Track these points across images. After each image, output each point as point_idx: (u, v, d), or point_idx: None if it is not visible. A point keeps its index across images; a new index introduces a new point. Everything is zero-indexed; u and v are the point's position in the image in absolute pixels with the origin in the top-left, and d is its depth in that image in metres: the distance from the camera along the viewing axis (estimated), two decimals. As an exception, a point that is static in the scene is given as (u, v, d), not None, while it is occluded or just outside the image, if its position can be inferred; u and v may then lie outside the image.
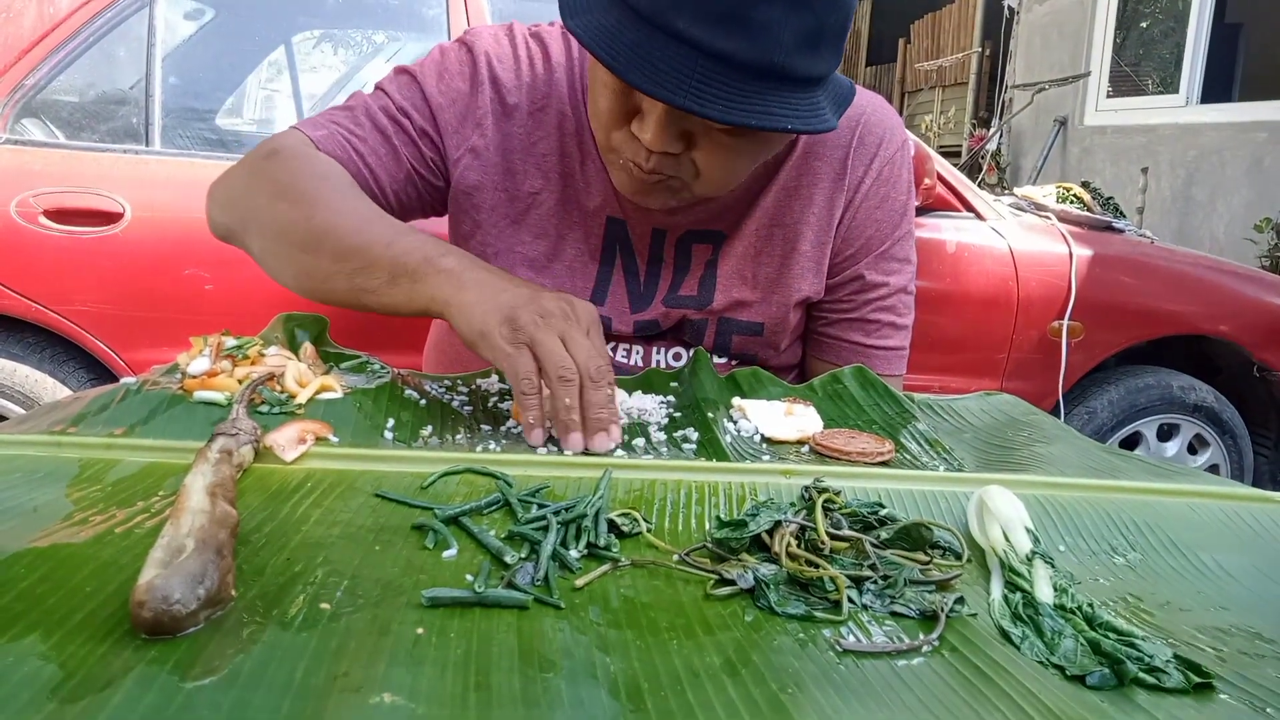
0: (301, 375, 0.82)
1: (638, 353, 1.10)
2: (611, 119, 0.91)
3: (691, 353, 1.07)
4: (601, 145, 0.96)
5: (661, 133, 0.86)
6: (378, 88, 1.06)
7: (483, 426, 0.81)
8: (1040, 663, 0.50)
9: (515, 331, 0.76)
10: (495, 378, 0.93)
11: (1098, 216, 2.93)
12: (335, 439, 0.74)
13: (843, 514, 0.64)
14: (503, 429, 0.81)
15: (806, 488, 0.67)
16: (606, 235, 1.07)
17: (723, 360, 1.10)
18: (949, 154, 8.07)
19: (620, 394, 0.89)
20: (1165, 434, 2.82)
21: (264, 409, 0.78)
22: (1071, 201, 3.10)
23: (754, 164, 0.98)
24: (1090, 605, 0.54)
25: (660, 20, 0.80)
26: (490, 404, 0.87)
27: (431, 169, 1.05)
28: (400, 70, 1.06)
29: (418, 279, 0.82)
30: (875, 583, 0.56)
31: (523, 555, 0.57)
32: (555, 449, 0.76)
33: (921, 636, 0.51)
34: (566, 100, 1.05)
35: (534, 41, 1.07)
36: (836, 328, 1.13)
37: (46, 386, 2.21)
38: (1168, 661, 0.49)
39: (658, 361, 1.10)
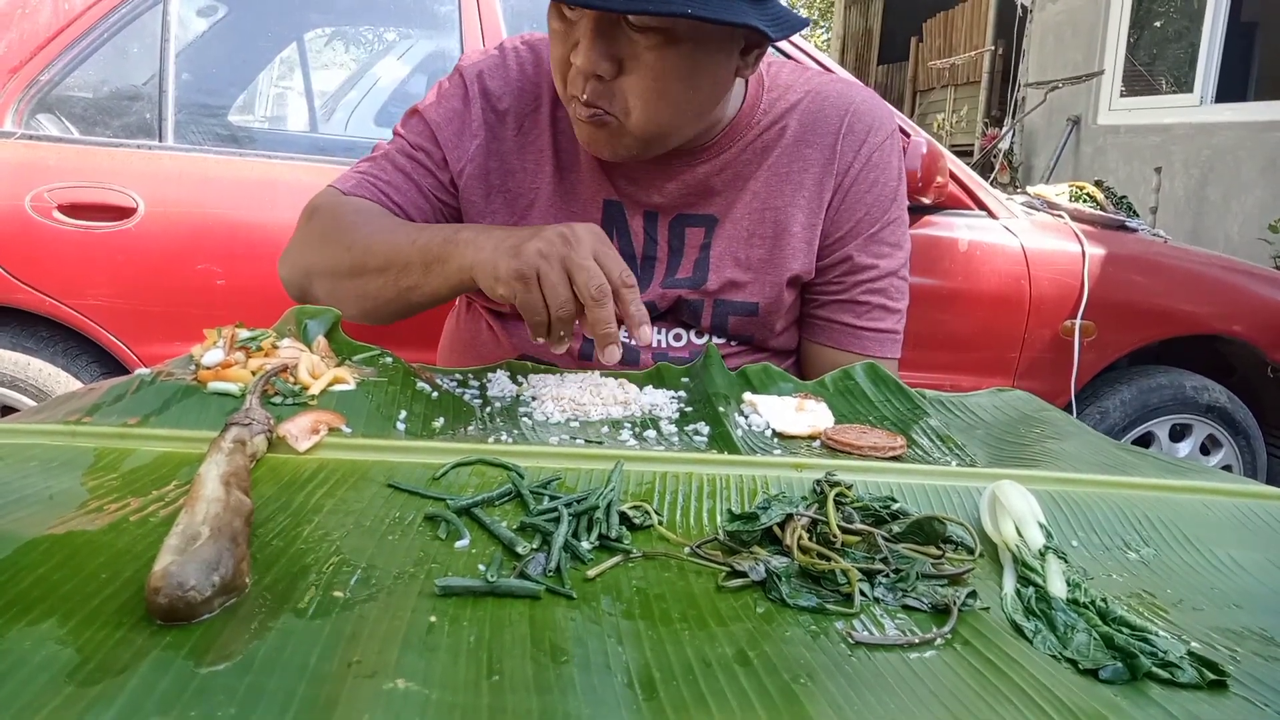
0: (315, 367, 0.83)
1: None
2: (561, 63, 0.96)
3: (691, 333, 1.13)
4: (562, 97, 1.01)
5: (589, 50, 0.91)
6: (395, 133, 1.14)
7: (495, 419, 0.82)
8: (1053, 656, 0.50)
9: (521, 266, 0.83)
10: (504, 373, 0.94)
11: (1111, 215, 2.91)
12: (348, 430, 0.74)
13: (855, 508, 0.63)
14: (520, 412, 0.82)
15: (818, 481, 0.67)
16: (605, 220, 1.11)
17: (721, 341, 1.13)
18: (961, 153, 8.04)
19: (631, 389, 0.89)
20: (1178, 434, 2.80)
21: (277, 400, 0.78)
22: (1085, 200, 3.08)
23: (688, 95, 0.98)
24: (1104, 600, 0.54)
25: None
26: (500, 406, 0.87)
27: (450, 193, 1.12)
28: (410, 112, 1.14)
29: (445, 259, 0.91)
30: (887, 576, 0.56)
31: (534, 546, 0.57)
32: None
33: (934, 630, 0.51)
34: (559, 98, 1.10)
35: (525, 48, 1.14)
36: (827, 309, 1.15)
37: (60, 380, 2.22)
38: (1182, 657, 0.49)
39: (658, 341, 1.13)
